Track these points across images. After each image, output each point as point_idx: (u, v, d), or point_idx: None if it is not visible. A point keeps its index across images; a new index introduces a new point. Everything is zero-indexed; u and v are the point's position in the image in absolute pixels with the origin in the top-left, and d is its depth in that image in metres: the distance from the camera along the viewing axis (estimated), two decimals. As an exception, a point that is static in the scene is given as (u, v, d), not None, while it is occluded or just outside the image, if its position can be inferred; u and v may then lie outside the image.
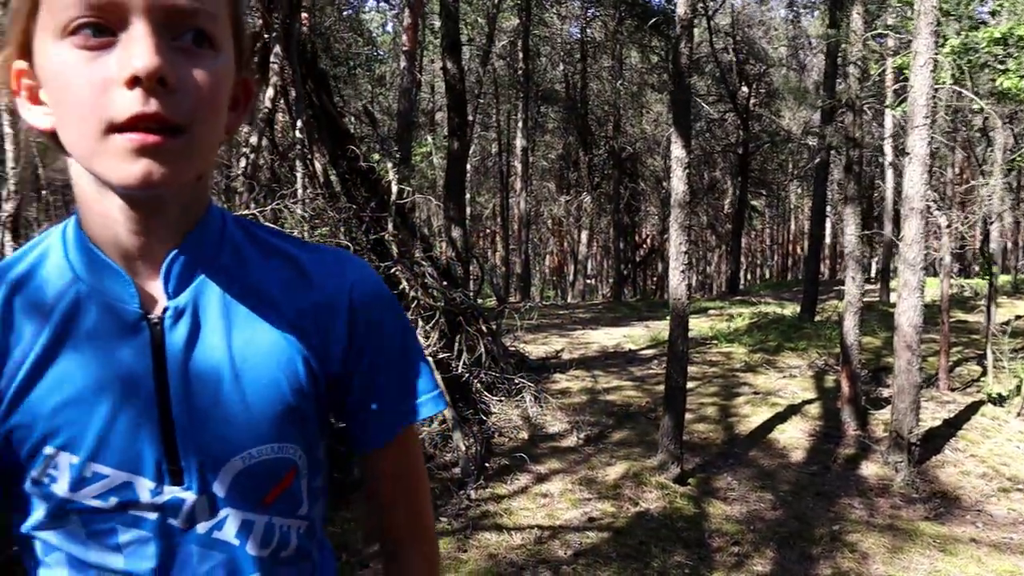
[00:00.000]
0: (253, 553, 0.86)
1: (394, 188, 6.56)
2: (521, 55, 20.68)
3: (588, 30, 22.91)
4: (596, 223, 25.75)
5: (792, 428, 6.87)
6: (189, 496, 0.82)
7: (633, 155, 22.47)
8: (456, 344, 6.45)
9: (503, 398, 6.79)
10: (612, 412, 7.22)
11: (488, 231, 34.15)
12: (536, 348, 9.64)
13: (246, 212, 5.52)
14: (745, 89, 21.13)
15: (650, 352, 9.88)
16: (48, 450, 0.79)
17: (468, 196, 21.28)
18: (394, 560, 1.00)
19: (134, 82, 0.69)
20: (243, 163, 6.30)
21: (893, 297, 12.59)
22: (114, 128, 0.70)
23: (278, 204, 5.70)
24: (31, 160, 5.71)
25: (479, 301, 8.16)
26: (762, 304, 15.03)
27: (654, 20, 17.27)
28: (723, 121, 22.88)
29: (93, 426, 0.79)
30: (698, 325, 11.33)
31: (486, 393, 6.66)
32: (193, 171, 0.76)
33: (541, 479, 5.71)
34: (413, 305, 6.18)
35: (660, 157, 23.42)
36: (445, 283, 6.90)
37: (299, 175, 6.11)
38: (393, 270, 6.18)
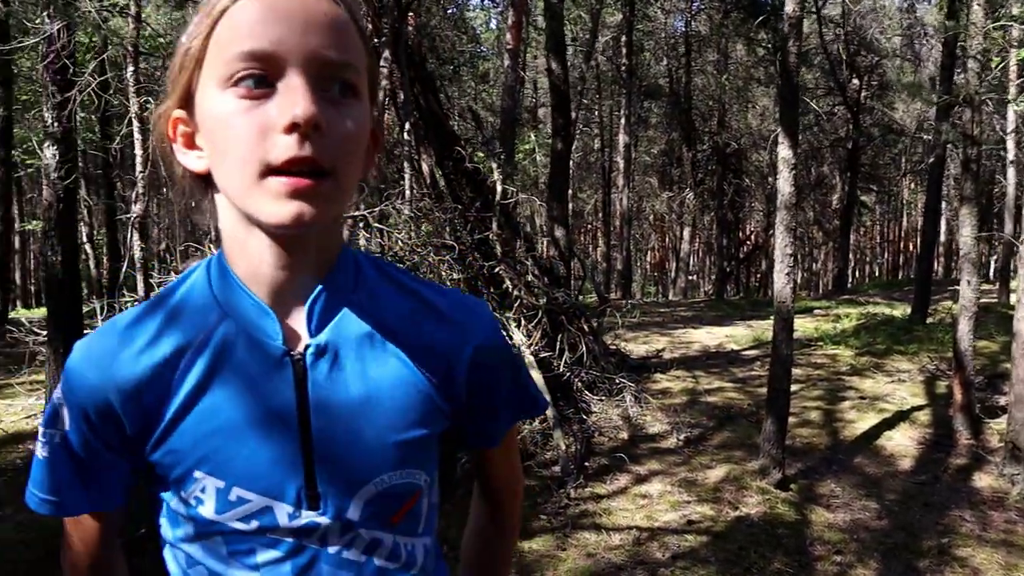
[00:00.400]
0: (380, 566, 0.94)
1: (498, 188, 6.69)
2: (624, 50, 20.58)
3: (693, 24, 22.61)
4: (699, 219, 25.40)
5: (900, 435, 6.69)
6: (324, 520, 0.89)
7: (738, 151, 22.07)
8: (558, 343, 6.54)
9: (603, 397, 6.84)
10: (713, 414, 7.18)
11: (589, 227, 34.11)
12: (637, 347, 9.64)
13: (356, 213, 5.74)
14: (856, 82, 20.48)
15: (753, 353, 9.76)
16: (198, 474, 0.87)
17: (569, 193, 21.31)
18: (498, 509, 1.17)
19: (292, 128, 0.76)
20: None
21: (1012, 299, 12.05)
22: (270, 171, 0.77)
23: (386, 204, 5.90)
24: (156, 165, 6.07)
25: (580, 299, 8.23)
26: (870, 304, 14.59)
27: (762, 18, 16.89)
28: (832, 115, 22.24)
29: (240, 454, 0.87)
30: (803, 325, 11.11)
31: (587, 392, 6.73)
32: (337, 211, 0.84)
33: (640, 480, 5.75)
34: (516, 304, 6.29)
35: (766, 152, 22.93)
36: (547, 282, 6.99)
37: (407, 176, 6.30)
38: (497, 269, 6.31)
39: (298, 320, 0.89)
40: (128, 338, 0.88)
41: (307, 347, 0.88)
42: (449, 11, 20.25)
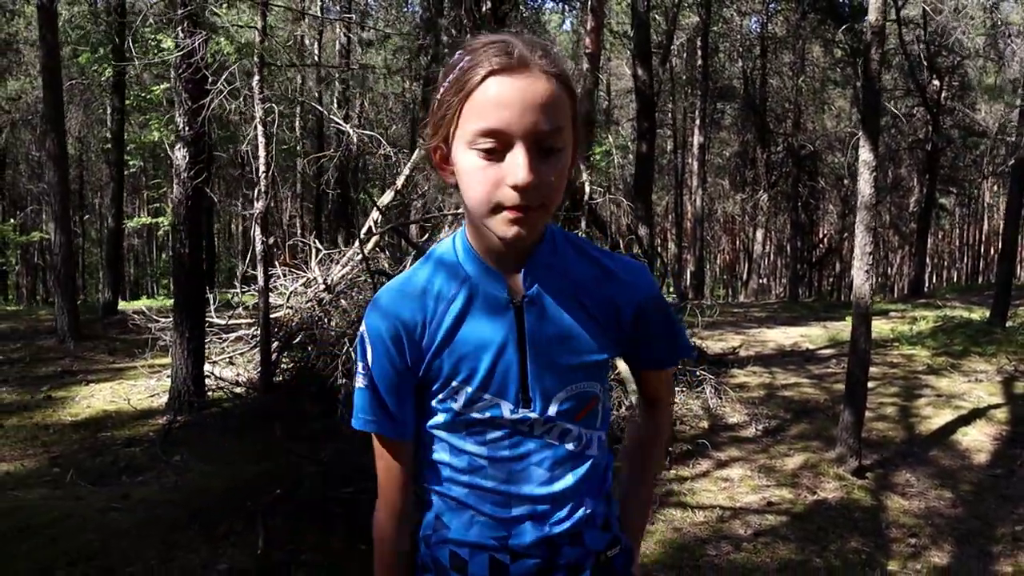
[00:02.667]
0: (569, 448, 1.36)
1: (587, 189, 7.07)
2: (700, 52, 20.73)
3: (769, 25, 22.61)
4: (772, 221, 25.33)
5: (976, 431, 6.87)
6: (533, 415, 1.33)
7: (813, 153, 21.99)
8: (641, 336, 6.89)
9: (684, 388, 7.17)
10: (790, 407, 7.45)
11: (660, 228, 34.18)
12: (713, 344, 9.92)
13: (457, 211, 6.18)
14: (936, 82, 20.25)
15: (828, 352, 9.94)
16: (454, 383, 1.32)
17: (642, 193, 21.51)
18: (654, 415, 1.60)
19: (516, 187, 1.15)
20: (453, 166, 6.99)
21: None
22: (500, 207, 1.17)
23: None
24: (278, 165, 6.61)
25: (660, 296, 8.54)
26: (947, 308, 14.54)
27: (846, 26, 16.87)
28: (911, 116, 22.01)
29: (482, 368, 1.31)
30: (878, 327, 11.21)
31: (668, 383, 7.06)
32: (543, 226, 1.29)
33: (721, 465, 6.07)
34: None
35: (841, 155, 22.78)
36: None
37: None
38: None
39: (515, 279, 1.32)
40: (404, 291, 1.33)
41: (522, 298, 1.31)
42: (525, 14, 20.67)
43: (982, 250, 39.16)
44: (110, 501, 4.86)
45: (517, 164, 1.14)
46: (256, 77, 6.03)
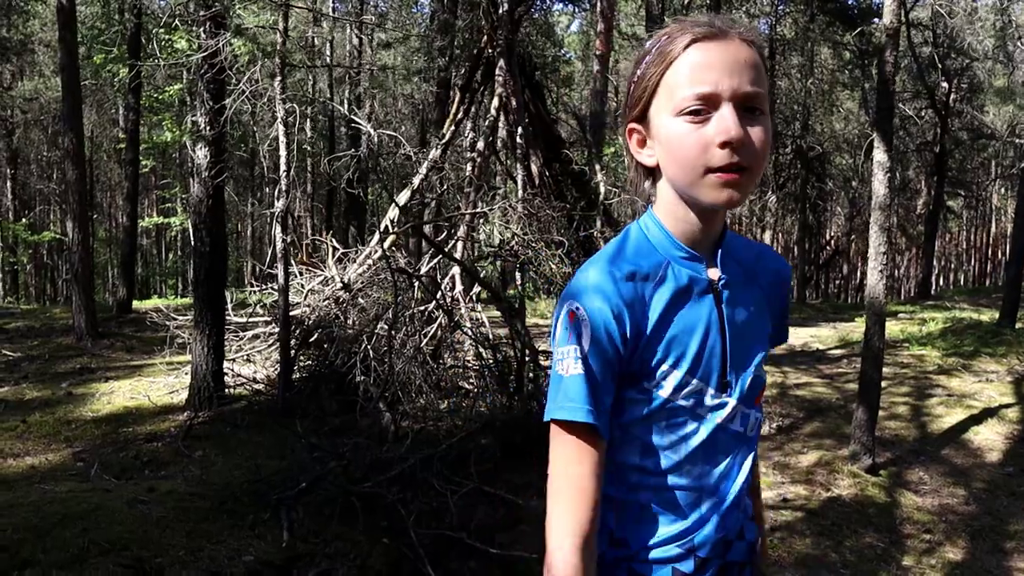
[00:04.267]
0: (748, 435, 1.33)
1: (602, 189, 7.15)
2: (708, 54, 20.74)
3: (778, 27, 22.65)
4: (780, 223, 25.36)
5: (987, 430, 6.92)
6: (731, 401, 1.29)
7: (821, 154, 22.03)
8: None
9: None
10: (803, 406, 7.51)
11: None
12: (724, 343, 9.97)
13: (476, 211, 6.26)
14: (945, 84, 20.27)
15: (839, 352, 10.00)
16: (665, 367, 1.25)
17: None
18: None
19: (726, 144, 1.14)
20: (469, 167, 7.07)
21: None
22: (709, 170, 1.16)
23: (503, 203, 6.41)
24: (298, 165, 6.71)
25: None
26: (956, 309, 14.58)
27: (859, 30, 16.90)
28: (919, 118, 22.03)
29: (692, 352, 1.25)
30: (888, 328, 11.23)
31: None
32: (750, 194, 1.24)
33: (736, 462, 6.13)
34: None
35: (849, 156, 22.82)
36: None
37: (519, 177, 6.80)
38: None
39: (710, 263, 1.30)
40: (617, 270, 1.24)
41: (720, 280, 1.29)
42: (535, 15, 20.75)
43: (990, 253, 39.12)
44: (137, 494, 4.94)
45: (727, 121, 1.14)
46: (278, 78, 6.11)
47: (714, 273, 1.30)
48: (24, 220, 23.79)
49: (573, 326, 1.21)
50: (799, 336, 11.26)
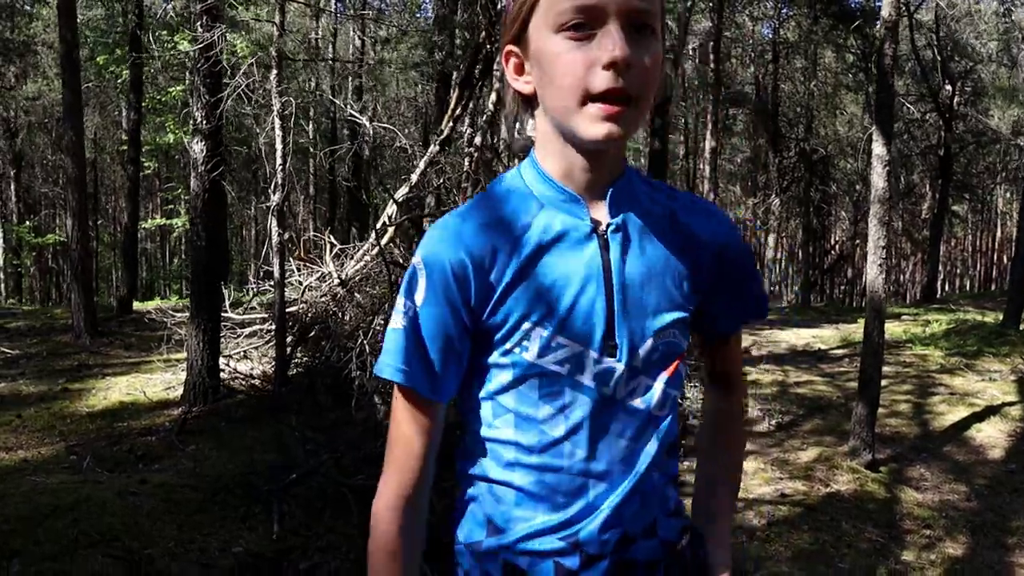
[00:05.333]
0: (654, 413, 1.13)
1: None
2: (712, 57, 20.76)
3: (781, 30, 22.64)
4: (784, 226, 25.31)
5: (990, 428, 6.86)
6: (619, 367, 1.09)
7: (825, 157, 21.98)
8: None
9: (697, 384, 7.19)
10: (803, 403, 7.46)
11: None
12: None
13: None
14: (949, 87, 20.21)
15: (841, 352, 9.94)
16: (526, 325, 1.07)
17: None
18: (728, 392, 1.38)
19: (611, 65, 0.98)
20: (467, 162, 7.04)
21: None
22: (590, 98, 1.00)
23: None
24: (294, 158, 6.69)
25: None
26: (960, 312, 14.50)
27: (856, 24, 16.88)
28: (923, 121, 21.97)
29: (560, 307, 1.08)
30: (891, 329, 11.18)
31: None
32: (636, 130, 1.07)
33: (734, 458, 6.08)
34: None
35: (853, 160, 22.77)
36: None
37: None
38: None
39: (597, 208, 1.12)
40: (470, 220, 1.11)
41: (608, 225, 1.11)
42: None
43: (995, 257, 38.99)
44: (128, 486, 4.91)
45: (612, 38, 0.98)
46: (274, 71, 6.09)
47: (602, 216, 1.12)
48: (28, 223, 23.84)
49: (409, 277, 1.10)
50: (801, 336, 11.21)
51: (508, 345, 1.09)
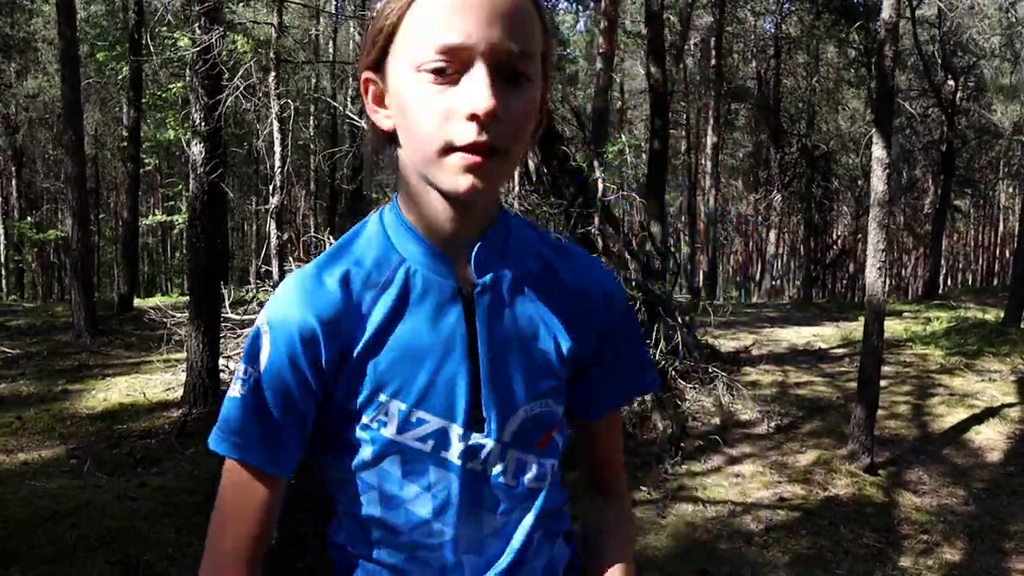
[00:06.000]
0: (526, 486, 1.05)
1: (600, 186, 7.10)
2: (714, 52, 20.73)
3: (783, 25, 22.58)
4: (785, 222, 25.30)
5: (989, 430, 6.86)
6: (488, 442, 1.00)
7: (827, 153, 21.95)
8: (654, 333, 6.93)
9: (696, 386, 7.19)
10: (802, 405, 7.46)
11: (672, 228, 34.16)
12: (726, 342, 9.93)
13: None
14: (951, 83, 20.16)
15: (841, 351, 9.94)
16: (382, 397, 0.97)
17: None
18: (605, 510, 1.22)
19: (474, 117, 0.84)
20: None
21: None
22: (450, 148, 0.87)
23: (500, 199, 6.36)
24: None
25: (672, 294, 8.58)
26: (962, 309, 14.49)
27: (859, 24, 16.84)
28: (925, 117, 21.93)
29: (420, 378, 0.97)
30: (892, 327, 11.18)
31: (680, 380, 7.09)
32: (504, 182, 0.98)
33: (733, 461, 6.09)
34: (616, 294, 6.70)
35: (855, 155, 22.73)
36: (645, 275, 7.38)
37: (517, 174, 6.76)
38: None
39: (463, 265, 1.00)
40: (323, 276, 0.98)
41: (474, 286, 0.99)
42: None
43: (997, 252, 38.96)
44: (128, 490, 4.93)
45: (477, 86, 0.85)
46: (272, 73, 6.09)
47: (467, 276, 1.00)
48: (30, 219, 23.87)
49: (252, 341, 0.98)
50: (802, 335, 11.21)
51: (365, 419, 0.98)
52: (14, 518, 4.46)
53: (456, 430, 0.99)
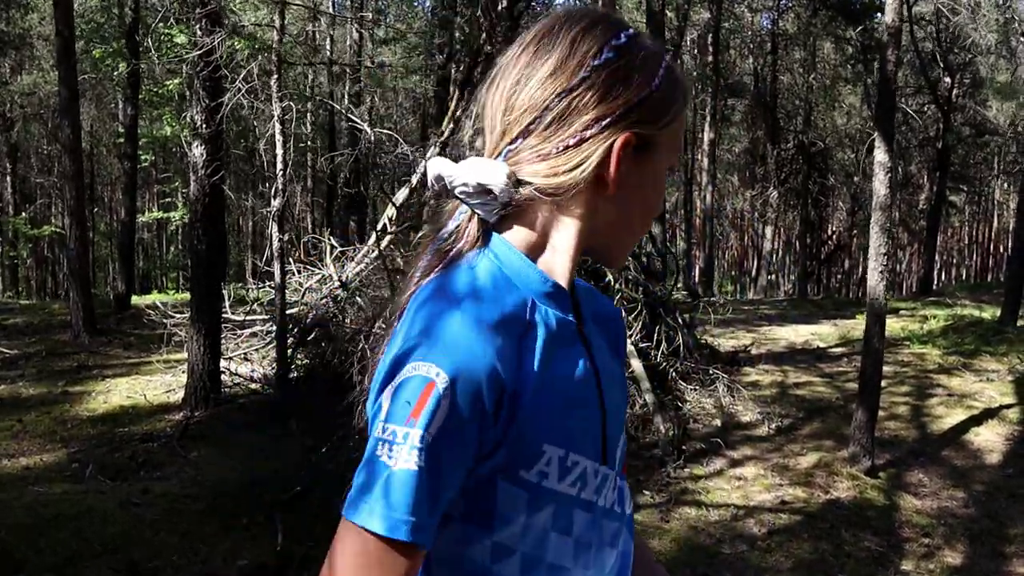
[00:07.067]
0: (628, 513, 1.06)
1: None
2: (711, 48, 20.72)
3: (780, 22, 22.58)
4: (781, 218, 25.33)
5: (988, 431, 6.89)
6: (611, 473, 0.99)
7: (823, 149, 21.97)
8: (655, 334, 6.94)
9: (697, 387, 7.21)
10: (802, 406, 7.48)
11: (669, 224, 34.17)
12: (725, 342, 9.94)
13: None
14: (947, 80, 20.18)
15: (840, 350, 9.96)
16: (546, 447, 0.88)
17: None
18: None
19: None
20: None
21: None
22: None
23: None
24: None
25: (672, 294, 8.59)
26: (958, 306, 14.53)
27: (861, 27, 16.84)
28: (922, 113, 21.96)
29: (573, 422, 0.93)
30: (889, 325, 11.10)
31: (681, 382, 7.10)
32: None
33: (735, 463, 6.11)
34: (617, 297, 6.70)
35: (851, 151, 22.77)
36: (645, 276, 7.39)
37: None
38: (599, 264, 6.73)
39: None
40: (483, 313, 0.88)
41: (584, 323, 1.00)
42: (537, 10, 20.67)
43: (992, 248, 39.08)
44: (131, 496, 4.93)
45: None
46: (275, 76, 6.07)
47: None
48: (24, 214, 23.77)
49: (421, 398, 0.81)
50: (800, 333, 11.23)
51: (526, 472, 0.88)
52: (18, 524, 4.46)
53: (593, 466, 0.95)
